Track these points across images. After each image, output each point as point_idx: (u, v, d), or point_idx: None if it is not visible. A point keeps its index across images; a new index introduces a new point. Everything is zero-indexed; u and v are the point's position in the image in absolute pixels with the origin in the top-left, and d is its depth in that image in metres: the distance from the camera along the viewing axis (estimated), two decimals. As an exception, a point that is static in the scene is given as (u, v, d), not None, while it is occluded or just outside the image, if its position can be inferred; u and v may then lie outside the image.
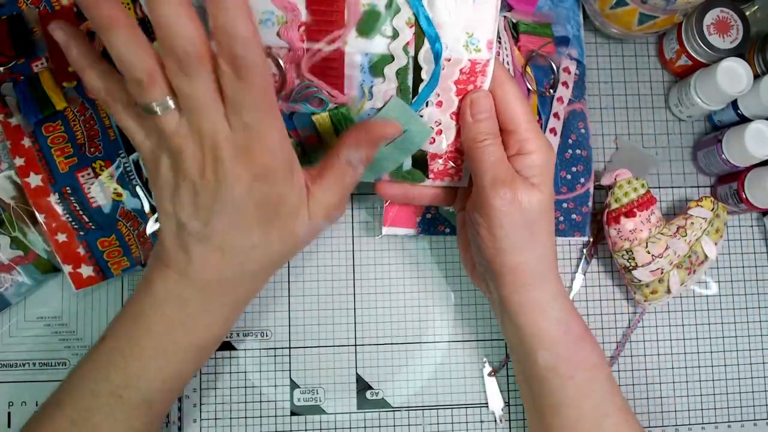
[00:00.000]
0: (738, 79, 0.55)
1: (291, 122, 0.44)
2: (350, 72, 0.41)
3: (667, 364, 0.60)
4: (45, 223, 0.53)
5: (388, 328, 0.59)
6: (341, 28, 0.39)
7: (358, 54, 0.41)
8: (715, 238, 0.55)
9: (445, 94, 0.43)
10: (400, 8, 0.39)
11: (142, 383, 0.42)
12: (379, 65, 0.41)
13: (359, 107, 0.43)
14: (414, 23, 0.40)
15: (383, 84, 0.42)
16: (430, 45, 0.40)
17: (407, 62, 0.41)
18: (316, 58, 0.40)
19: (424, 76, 0.42)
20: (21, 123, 0.53)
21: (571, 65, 0.58)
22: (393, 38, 0.40)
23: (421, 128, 0.44)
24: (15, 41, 0.54)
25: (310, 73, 0.41)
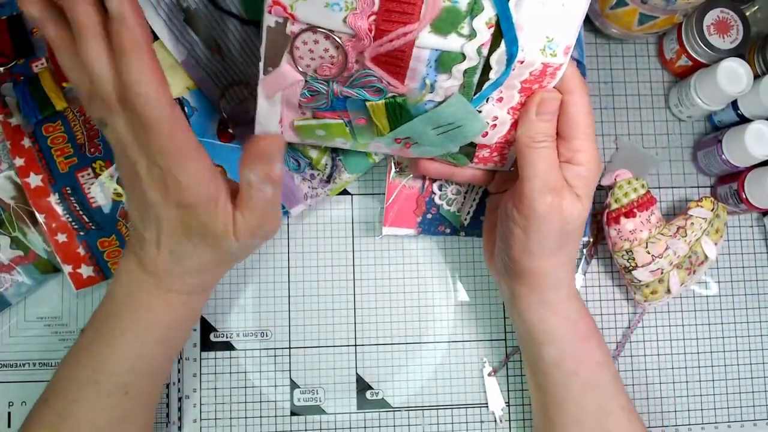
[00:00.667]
0: (738, 80, 0.55)
1: (343, 104, 0.42)
2: (415, 65, 0.39)
3: (667, 364, 0.60)
4: (45, 223, 0.53)
5: (388, 328, 0.59)
6: (415, 23, 0.36)
7: (427, 49, 0.38)
8: (715, 238, 0.55)
9: (508, 92, 0.41)
10: (483, 8, 0.36)
11: (113, 366, 0.43)
12: (448, 63, 0.38)
13: (418, 99, 0.41)
14: (494, 24, 0.37)
15: (448, 81, 0.39)
16: (507, 47, 0.38)
17: (478, 62, 0.38)
18: (383, 49, 0.38)
19: (492, 76, 0.39)
20: (21, 123, 0.53)
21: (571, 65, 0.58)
22: (469, 38, 0.37)
23: (478, 123, 0.42)
24: (15, 41, 0.54)
25: (373, 63, 0.39)
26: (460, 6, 0.36)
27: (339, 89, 0.40)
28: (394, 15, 0.36)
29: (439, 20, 0.36)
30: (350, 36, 0.37)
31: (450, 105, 0.40)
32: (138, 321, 0.44)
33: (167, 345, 0.46)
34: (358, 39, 0.37)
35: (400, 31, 0.36)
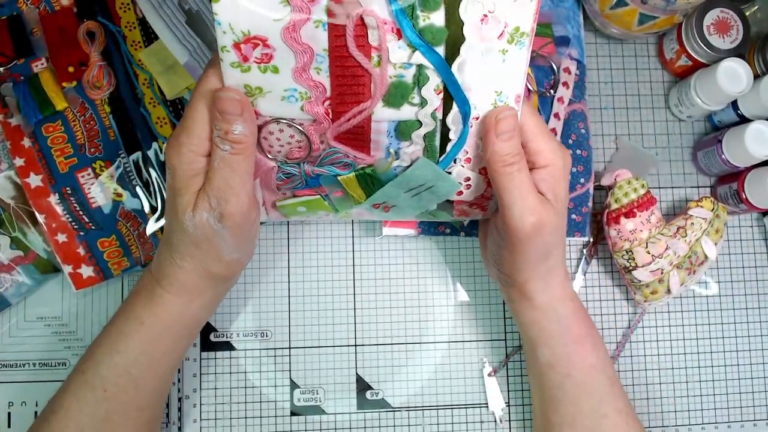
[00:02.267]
0: (738, 79, 0.55)
1: (316, 181, 0.44)
2: (376, 137, 0.41)
3: (667, 364, 0.60)
4: (45, 224, 0.53)
5: (388, 328, 0.59)
6: (368, 101, 0.39)
7: (384, 122, 0.40)
8: (715, 238, 0.55)
9: (474, 151, 0.42)
10: (429, 78, 0.38)
11: (97, 358, 0.44)
12: (406, 131, 0.41)
13: (386, 167, 0.43)
14: (442, 89, 0.39)
15: (410, 147, 0.41)
16: (459, 108, 0.39)
17: (435, 126, 0.40)
18: (343, 129, 0.40)
19: (452, 137, 0.41)
20: (21, 123, 0.53)
21: (572, 65, 0.58)
22: (421, 106, 0.39)
23: (448, 184, 0.43)
24: (15, 41, 0.54)
25: (336, 142, 0.41)
26: (406, 80, 0.38)
27: (310, 169, 0.43)
28: (347, 97, 0.38)
29: (389, 95, 0.38)
30: (311, 121, 0.40)
31: (417, 168, 0.42)
32: (125, 318, 0.45)
33: (149, 354, 0.45)
34: (318, 123, 0.40)
35: (354, 111, 0.39)
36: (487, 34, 0.37)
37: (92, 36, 0.55)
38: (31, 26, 0.55)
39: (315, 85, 0.38)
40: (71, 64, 0.54)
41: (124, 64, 0.55)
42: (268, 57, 0.36)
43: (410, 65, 0.37)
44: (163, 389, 0.48)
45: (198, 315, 0.47)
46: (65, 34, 0.55)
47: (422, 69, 0.37)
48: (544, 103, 0.57)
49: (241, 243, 0.42)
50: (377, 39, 0.36)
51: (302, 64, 0.37)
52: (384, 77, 0.38)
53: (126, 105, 0.55)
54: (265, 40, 0.36)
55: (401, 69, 0.37)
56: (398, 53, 0.37)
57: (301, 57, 0.37)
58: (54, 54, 0.54)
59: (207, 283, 0.45)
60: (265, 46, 0.36)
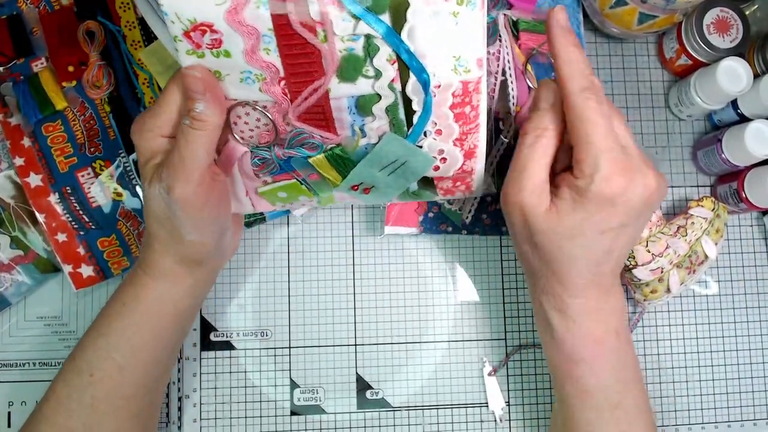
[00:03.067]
0: (738, 79, 0.55)
1: (290, 165, 0.44)
2: (338, 115, 0.41)
3: (667, 364, 0.60)
4: (45, 223, 0.53)
5: (388, 328, 0.59)
6: (321, 78, 0.38)
7: (343, 98, 0.40)
8: (716, 238, 0.55)
9: (443, 122, 0.41)
10: (379, 47, 0.37)
11: (85, 343, 0.45)
12: (366, 105, 0.40)
13: (354, 145, 0.42)
14: (396, 59, 0.38)
15: (374, 122, 0.41)
16: (416, 76, 0.38)
17: (395, 98, 0.39)
18: (302, 108, 0.40)
19: (416, 107, 0.40)
20: (21, 123, 0.53)
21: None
22: (376, 78, 0.38)
23: (422, 158, 0.42)
24: (14, 41, 0.55)
25: (299, 122, 0.41)
26: (356, 52, 0.37)
27: (281, 152, 0.43)
28: (300, 76, 0.38)
29: (342, 70, 0.38)
30: (273, 102, 0.40)
31: (385, 144, 0.41)
32: (111, 302, 0.46)
33: (131, 339, 0.45)
34: (278, 104, 0.40)
35: (310, 89, 0.39)
36: None
37: (92, 35, 0.55)
38: (30, 26, 0.55)
39: (267, 66, 0.38)
40: (71, 63, 0.54)
41: (123, 64, 0.55)
42: (217, 42, 0.37)
43: (358, 36, 0.36)
44: (149, 383, 0.47)
45: (179, 303, 0.46)
46: (65, 33, 0.55)
47: (371, 39, 0.37)
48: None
49: (197, 223, 0.41)
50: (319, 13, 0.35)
51: (250, 45, 0.37)
52: (333, 52, 0.37)
53: (126, 104, 0.55)
54: (211, 26, 0.36)
55: (349, 42, 0.37)
56: (342, 25, 0.36)
57: (247, 39, 0.37)
58: (54, 53, 0.54)
59: (181, 267, 0.44)
60: (212, 31, 0.36)
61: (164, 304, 0.45)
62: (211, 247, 0.44)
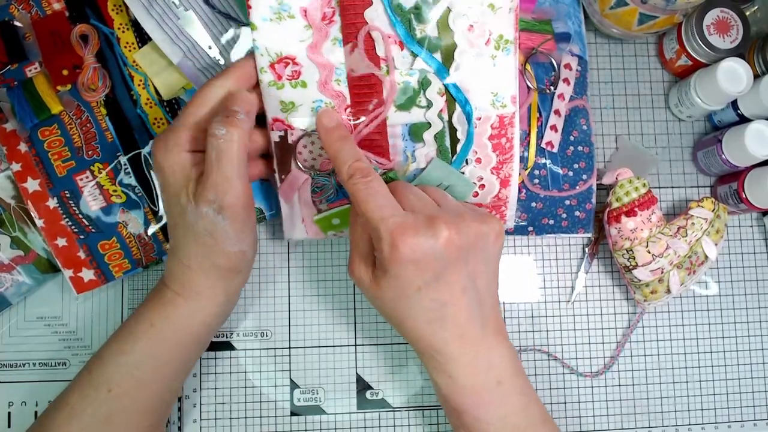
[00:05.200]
0: (738, 79, 0.55)
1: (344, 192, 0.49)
2: (393, 141, 0.47)
3: (667, 364, 0.60)
4: (44, 228, 0.53)
5: (388, 328, 0.59)
6: (382, 106, 0.45)
7: (398, 125, 0.46)
8: (716, 238, 0.55)
9: (482, 151, 0.47)
10: (431, 81, 0.44)
11: (104, 359, 0.45)
12: (418, 132, 0.46)
13: (405, 169, 0.48)
14: (445, 92, 0.45)
15: (424, 148, 0.47)
16: (461, 108, 0.45)
17: (443, 127, 0.46)
18: (363, 134, 0.46)
19: (460, 137, 0.46)
20: (17, 128, 0.53)
21: (573, 61, 0.58)
22: (428, 108, 0.45)
23: (464, 183, 0.47)
24: (7, 46, 0.54)
25: (360, 148, 0.46)
26: (412, 84, 0.45)
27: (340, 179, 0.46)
28: (364, 104, 0.45)
29: (399, 99, 0.45)
30: None
31: (433, 168, 0.47)
32: (135, 321, 0.46)
33: (155, 357, 0.45)
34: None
35: (371, 115, 0.45)
36: (476, 41, 0.43)
37: (85, 39, 0.55)
38: (23, 31, 0.55)
39: (337, 95, 0.45)
40: (65, 67, 0.54)
41: (118, 66, 0.55)
42: (297, 73, 0.44)
43: (414, 71, 0.44)
44: (167, 396, 0.48)
45: (208, 319, 0.47)
46: (58, 37, 0.54)
47: (424, 74, 0.44)
48: (544, 101, 0.57)
49: (242, 234, 0.44)
50: (384, 51, 0.43)
51: (325, 76, 0.44)
52: (393, 83, 0.44)
53: (122, 107, 0.55)
54: (294, 59, 0.43)
55: (407, 76, 0.44)
56: (402, 61, 0.43)
57: (323, 70, 0.44)
58: (47, 58, 0.54)
59: (215, 281, 0.45)
60: (294, 63, 0.43)
61: (194, 322, 0.46)
62: (250, 255, 0.46)
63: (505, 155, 0.48)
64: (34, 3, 0.55)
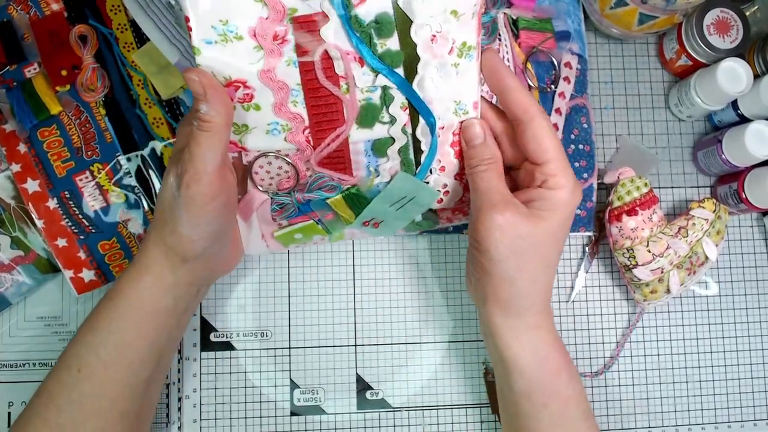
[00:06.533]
0: (738, 79, 0.55)
1: (308, 207, 0.48)
2: (356, 158, 0.45)
3: (667, 364, 0.60)
4: (44, 229, 0.53)
5: (388, 328, 0.59)
6: (343, 125, 0.43)
7: (360, 142, 0.44)
8: (716, 239, 0.55)
9: (446, 158, 0.46)
10: (394, 97, 0.42)
11: (76, 338, 0.46)
12: (381, 148, 0.44)
13: (369, 185, 0.46)
14: (408, 106, 0.43)
15: (387, 163, 0.45)
16: (425, 120, 0.43)
17: (407, 141, 0.44)
18: (323, 153, 0.44)
19: (424, 148, 0.44)
20: (16, 129, 0.53)
21: (573, 60, 0.58)
22: (391, 123, 0.43)
23: (428, 193, 0.47)
24: (6, 47, 0.54)
25: (320, 167, 0.45)
26: (374, 101, 0.42)
27: (301, 196, 0.47)
28: (324, 124, 0.43)
29: (361, 117, 0.43)
30: (295, 150, 0.44)
31: (398, 182, 0.46)
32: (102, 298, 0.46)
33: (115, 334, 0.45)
34: (301, 151, 0.44)
35: (332, 135, 0.43)
36: (439, 51, 0.41)
37: (84, 39, 0.55)
38: (21, 32, 0.55)
39: (294, 117, 0.42)
40: (64, 67, 0.54)
41: (117, 66, 0.55)
42: (249, 96, 0.41)
43: (375, 88, 0.41)
44: (136, 383, 0.46)
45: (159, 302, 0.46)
46: (57, 38, 0.54)
47: (387, 90, 0.42)
48: (544, 99, 0.57)
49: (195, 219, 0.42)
50: (343, 68, 0.40)
51: (280, 99, 0.41)
52: (354, 101, 0.42)
53: (121, 107, 0.55)
54: (245, 82, 0.40)
55: (368, 93, 0.42)
56: (363, 78, 0.41)
57: (278, 93, 0.41)
58: (46, 58, 0.54)
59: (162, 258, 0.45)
60: (245, 87, 0.40)
61: (145, 301, 0.45)
62: (199, 247, 0.44)
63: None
64: (33, 3, 0.55)
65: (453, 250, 0.60)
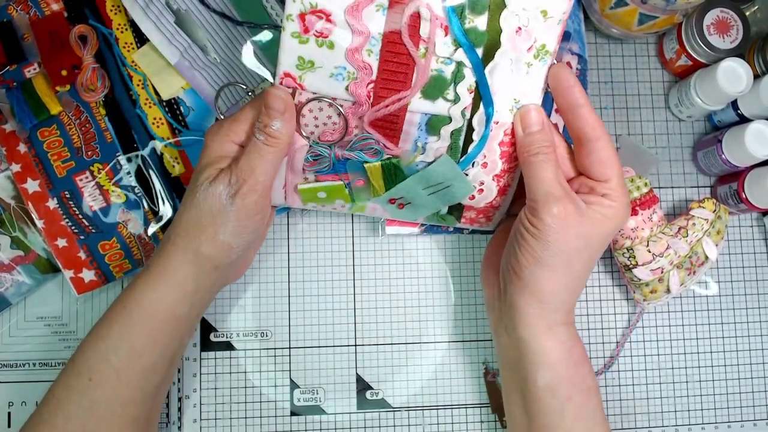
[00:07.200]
0: (738, 79, 0.55)
1: (344, 166, 0.46)
2: (408, 128, 0.44)
3: (667, 364, 0.60)
4: (44, 229, 0.53)
5: (388, 328, 0.59)
6: (408, 90, 0.42)
7: (418, 113, 0.43)
8: (716, 239, 0.55)
9: (491, 156, 0.45)
10: (465, 76, 0.41)
11: (85, 346, 0.45)
12: (436, 125, 0.43)
13: (411, 160, 0.45)
14: (474, 89, 0.42)
15: (437, 142, 0.44)
16: (485, 109, 0.42)
17: (462, 124, 0.43)
18: (380, 114, 0.43)
19: (475, 137, 0.44)
20: (16, 129, 0.53)
21: (573, 60, 0.58)
22: (454, 102, 0.42)
23: (464, 185, 0.46)
24: (6, 47, 0.54)
25: (371, 127, 0.43)
26: (445, 75, 0.41)
27: (340, 152, 0.45)
28: (390, 83, 0.42)
29: (428, 87, 0.42)
30: (351, 103, 0.42)
31: (439, 165, 0.45)
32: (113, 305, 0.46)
33: (128, 342, 0.45)
34: (358, 105, 0.42)
35: (394, 97, 0.42)
36: (519, 45, 0.41)
37: (84, 39, 0.55)
38: (21, 32, 0.55)
39: (363, 66, 0.41)
40: (64, 67, 0.54)
41: (117, 66, 0.55)
42: (327, 32, 0.40)
43: (451, 61, 0.41)
44: (147, 389, 0.47)
45: (177, 308, 0.46)
46: (57, 38, 0.54)
47: (461, 66, 0.41)
48: (545, 99, 0.56)
49: (240, 230, 0.44)
50: (428, 32, 0.39)
51: (357, 43, 0.40)
52: (427, 68, 0.41)
53: (121, 107, 0.55)
54: (329, 15, 0.39)
55: (442, 64, 0.41)
56: (443, 48, 0.40)
57: (357, 36, 0.40)
58: (46, 58, 0.54)
59: (189, 264, 0.45)
60: (327, 20, 0.39)
61: (162, 308, 0.45)
62: (235, 255, 0.45)
63: (510, 164, 0.46)
64: (33, 4, 0.55)
65: (453, 249, 0.60)
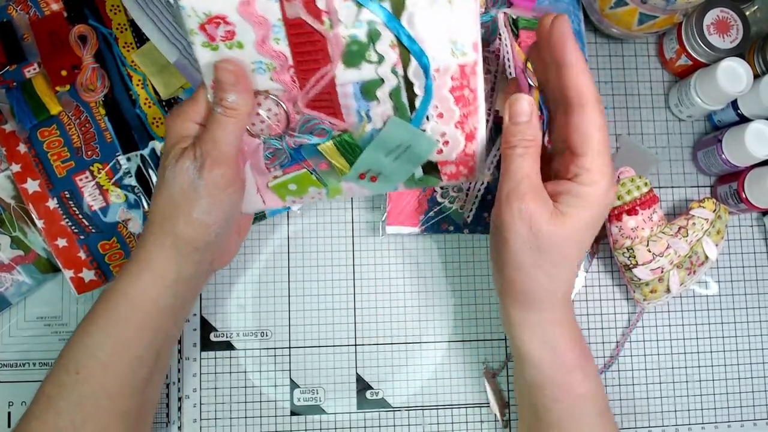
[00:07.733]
0: (738, 79, 0.55)
1: (300, 155, 0.46)
2: (344, 101, 0.42)
3: (667, 364, 0.60)
4: (44, 229, 0.53)
5: (388, 328, 0.59)
6: (328, 64, 0.41)
7: (349, 84, 0.42)
8: (716, 239, 0.55)
9: (444, 105, 0.42)
10: (381, 33, 0.39)
11: (72, 341, 0.45)
12: (370, 90, 0.42)
13: (361, 131, 0.44)
14: (397, 44, 0.40)
15: (379, 106, 0.42)
16: (417, 60, 0.40)
17: (398, 82, 0.41)
18: (311, 94, 0.42)
19: (418, 91, 0.41)
20: (16, 129, 0.53)
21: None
22: (379, 63, 0.40)
23: (425, 141, 0.44)
24: (6, 47, 0.54)
25: (308, 108, 0.43)
26: (360, 38, 0.39)
27: (292, 141, 0.45)
28: (308, 63, 0.41)
29: (346, 56, 0.40)
30: (282, 91, 0.42)
31: (390, 127, 0.43)
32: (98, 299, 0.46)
33: (113, 335, 0.45)
34: (287, 92, 0.42)
35: (318, 75, 0.41)
36: None
37: (84, 39, 0.55)
38: (21, 32, 0.55)
39: (277, 55, 0.41)
40: (64, 67, 0.54)
41: (117, 66, 0.55)
42: (231, 33, 0.40)
43: (361, 23, 0.39)
44: (135, 382, 0.46)
45: (160, 300, 0.46)
46: (56, 38, 0.54)
47: (373, 25, 0.39)
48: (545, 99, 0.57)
49: (213, 206, 0.43)
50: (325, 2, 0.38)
51: (261, 35, 0.40)
52: (338, 38, 0.39)
53: (121, 107, 0.55)
54: (224, 18, 0.39)
55: (353, 29, 0.39)
56: (345, 12, 0.38)
57: (258, 29, 0.39)
58: (46, 58, 0.54)
59: (169, 250, 0.44)
60: (225, 23, 0.39)
61: (145, 299, 0.45)
62: (212, 233, 0.44)
63: (468, 107, 0.43)
64: (33, 4, 0.55)
65: (453, 249, 0.60)
